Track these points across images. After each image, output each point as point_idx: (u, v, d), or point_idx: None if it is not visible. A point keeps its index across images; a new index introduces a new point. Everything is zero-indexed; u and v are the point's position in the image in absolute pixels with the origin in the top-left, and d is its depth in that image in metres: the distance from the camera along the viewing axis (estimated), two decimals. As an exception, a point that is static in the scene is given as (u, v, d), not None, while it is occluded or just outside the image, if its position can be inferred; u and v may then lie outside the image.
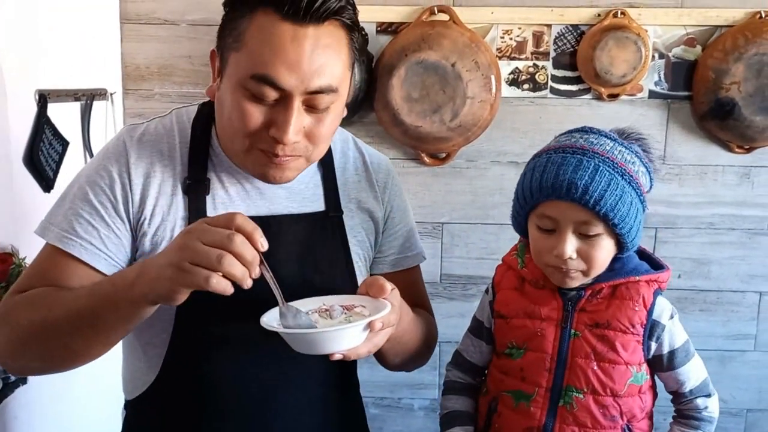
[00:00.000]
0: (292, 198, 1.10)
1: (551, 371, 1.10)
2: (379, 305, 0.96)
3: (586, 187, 1.02)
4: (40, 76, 1.68)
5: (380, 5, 2.10)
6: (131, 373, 1.12)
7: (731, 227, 2.20)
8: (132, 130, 1.08)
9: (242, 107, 0.96)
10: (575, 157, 1.05)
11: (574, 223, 1.05)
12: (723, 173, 2.17)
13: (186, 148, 1.06)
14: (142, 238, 1.03)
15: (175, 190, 1.04)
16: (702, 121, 2.12)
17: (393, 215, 1.20)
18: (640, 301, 1.10)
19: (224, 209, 1.05)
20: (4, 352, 1.00)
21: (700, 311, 2.24)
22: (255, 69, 0.93)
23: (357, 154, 1.19)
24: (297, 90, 0.94)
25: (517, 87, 2.15)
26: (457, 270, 2.23)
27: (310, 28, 0.93)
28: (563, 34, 2.11)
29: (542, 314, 1.12)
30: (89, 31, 1.97)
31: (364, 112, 2.15)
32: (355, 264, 1.13)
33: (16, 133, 1.60)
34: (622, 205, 1.04)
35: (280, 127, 0.95)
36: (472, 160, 2.19)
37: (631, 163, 1.07)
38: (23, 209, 1.61)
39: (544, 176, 1.06)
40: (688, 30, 2.09)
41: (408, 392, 2.33)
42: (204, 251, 0.80)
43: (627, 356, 1.09)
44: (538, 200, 1.08)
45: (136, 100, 2.17)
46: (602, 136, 1.09)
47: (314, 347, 0.91)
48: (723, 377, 2.26)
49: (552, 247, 1.07)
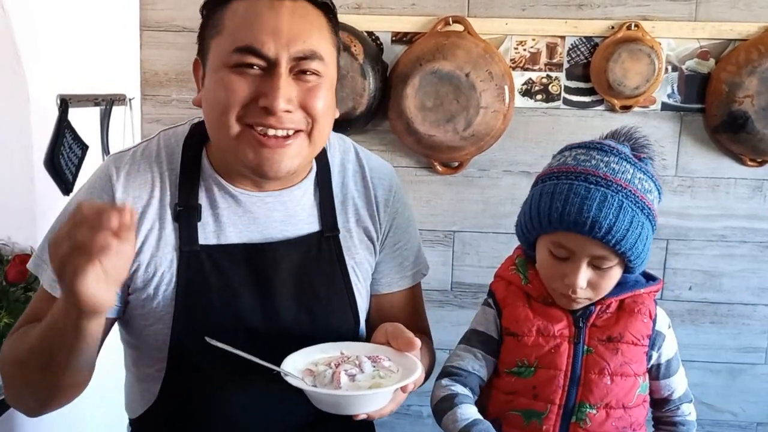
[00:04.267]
0: (287, 221, 1.06)
1: (564, 388, 1.09)
2: (405, 362, 0.92)
3: (610, 227, 1.01)
4: (61, 81, 1.71)
5: (396, 15, 2.13)
6: (132, 394, 1.11)
7: (743, 240, 2.20)
8: (117, 160, 1.04)
9: (227, 81, 0.93)
10: (599, 190, 1.02)
11: (590, 256, 1.04)
12: (735, 186, 2.18)
13: (175, 174, 1.03)
14: (134, 274, 1.00)
15: (163, 221, 1.01)
16: (714, 134, 2.12)
17: (391, 234, 1.15)
18: (647, 313, 1.11)
19: (215, 237, 1.02)
20: (8, 395, 1.00)
21: (711, 323, 2.24)
22: (237, 42, 0.93)
23: (357, 167, 1.14)
24: (281, 56, 0.92)
25: (530, 97, 2.17)
26: (468, 278, 2.25)
27: (286, 1, 0.94)
28: (577, 45, 2.13)
29: (555, 331, 1.10)
30: (109, 38, 2.00)
31: (377, 121, 2.17)
32: (354, 286, 1.10)
33: (38, 136, 1.63)
34: (640, 243, 1.03)
35: (268, 94, 0.92)
36: (484, 169, 2.21)
37: (649, 191, 1.06)
38: (43, 211, 1.64)
39: (567, 208, 1.02)
40: (701, 43, 2.10)
41: (417, 399, 2.31)
42: (68, 235, 0.75)
43: (636, 368, 1.10)
44: (556, 229, 1.05)
45: (154, 105, 2.20)
46: (623, 159, 1.06)
47: (341, 408, 0.87)
48: (733, 390, 2.26)
49: (563, 275, 1.06)
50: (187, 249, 1.00)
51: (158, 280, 1.00)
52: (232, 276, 1.01)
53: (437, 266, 2.24)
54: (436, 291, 2.25)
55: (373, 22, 2.12)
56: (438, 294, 2.26)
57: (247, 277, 1.02)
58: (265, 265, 1.01)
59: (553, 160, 1.13)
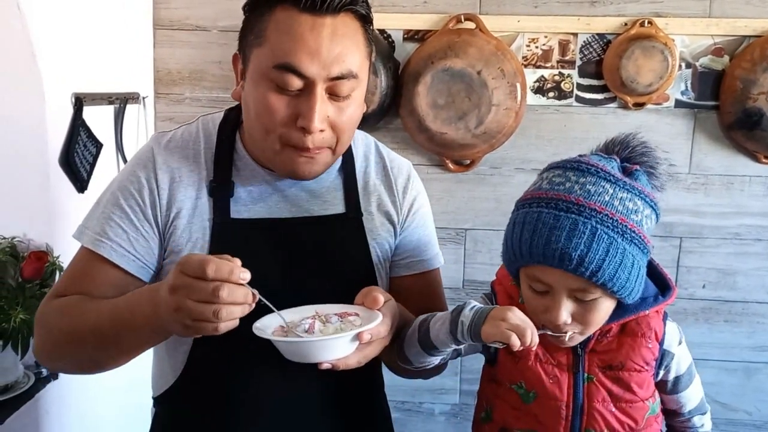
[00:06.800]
0: (312, 201, 1.12)
1: (567, 419, 1.04)
2: (372, 316, 0.96)
3: (582, 258, 0.91)
4: (76, 80, 1.73)
5: (407, 13, 2.13)
6: (159, 370, 1.16)
7: (758, 238, 2.18)
8: (160, 137, 1.12)
9: (267, 100, 0.99)
10: (569, 217, 0.93)
11: (569, 289, 0.96)
12: (750, 184, 2.16)
13: (211, 153, 1.10)
14: (170, 238, 1.07)
15: (200, 193, 1.08)
16: (729, 131, 2.11)
17: (410, 219, 1.21)
18: (652, 336, 1.03)
19: (246, 211, 1.09)
20: (41, 353, 1.06)
21: (725, 322, 2.22)
22: (277, 59, 0.97)
23: (378, 158, 1.21)
24: (319, 77, 0.97)
25: (542, 95, 2.16)
26: (479, 276, 2.25)
27: (327, 18, 0.97)
28: (589, 42, 2.12)
29: (553, 359, 1.04)
30: (123, 36, 2.02)
31: (389, 119, 2.18)
32: (375, 267, 1.15)
33: (53, 134, 1.65)
34: (622, 272, 0.93)
35: (305, 115, 0.98)
36: (496, 167, 2.21)
37: (633, 212, 0.95)
38: (58, 209, 1.66)
39: (535, 239, 0.94)
40: (715, 40, 2.09)
41: (429, 397, 2.34)
42: (199, 311, 0.83)
43: (643, 393, 1.05)
44: (528, 263, 0.98)
45: (167, 104, 2.22)
46: (601, 179, 0.95)
47: (303, 356, 0.93)
48: (747, 389, 2.24)
49: (545, 309, 0.98)
50: (219, 221, 1.07)
51: (191, 247, 1.06)
52: (260, 247, 1.07)
53: (449, 264, 2.22)
54: (447, 288, 2.20)
55: (384, 20, 2.12)
56: (450, 291, 2.22)
57: (274, 249, 1.08)
58: (292, 237, 1.07)
59: (534, 181, 1.06)
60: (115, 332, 0.96)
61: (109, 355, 1.01)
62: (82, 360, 1.04)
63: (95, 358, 1.03)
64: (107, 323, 0.96)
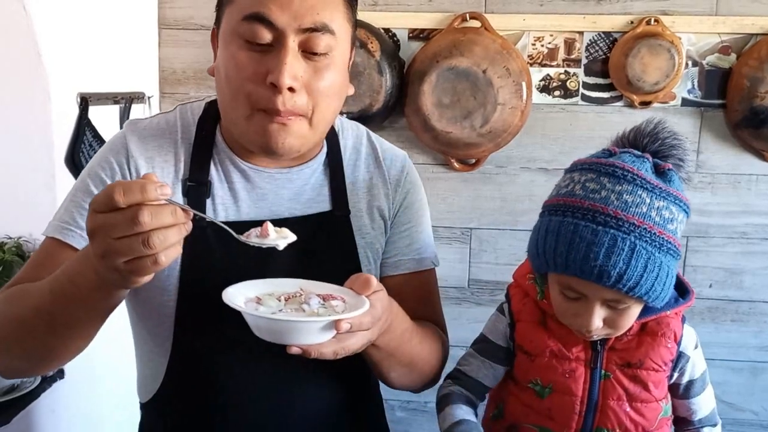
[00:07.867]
0: (294, 199, 1.06)
1: (581, 414, 1.04)
2: (358, 303, 0.86)
3: (620, 275, 0.91)
4: (81, 80, 1.73)
5: (412, 12, 2.13)
6: (141, 378, 1.11)
7: (765, 237, 2.17)
8: (133, 123, 1.06)
9: (236, 57, 0.93)
10: (608, 233, 0.91)
11: (602, 299, 0.96)
12: (757, 182, 2.15)
13: (188, 146, 1.04)
14: None
15: (174, 188, 1.01)
16: (736, 130, 2.10)
17: (402, 213, 1.14)
18: (671, 336, 1.04)
19: (224, 212, 1.02)
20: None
21: (732, 321, 2.21)
22: (246, 10, 0.91)
23: (370, 149, 1.14)
24: (290, 27, 0.91)
25: (548, 94, 2.15)
26: (485, 275, 2.24)
27: None
28: (595, 41, 2.11)
29: (571, 354, 1.04)
30: (128, 36, 2.02)
31: (394, 118, 2.17)
32: (364, 267, 1.09)
33: (59, 134, 1.65)
34: (658, 284, 0.94)
35: (275, 68, 0.90)
36: (501, 166, 2.20)
37: (669, 221, 0.95)
38: (64, 208, 1.66)
39: (572, 254, 0.93)
40: (722, 38, 2.07)
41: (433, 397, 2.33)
42: (127, 247, 0.72)
43: (658, 393, 1.05)
44: (563, 272, 0.97)
45: (172, 103, 2.21)
46: (638, 186, 0.93)
47: (270, 334, 0.83)
48: (754, 389, 2.23)
49: (576, 314, 0.99)
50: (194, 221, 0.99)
51: None
52: (238, 252, 0.96)
53: (454, 263, 2.24)
54: (453, 288, 2.25)
55: (389, 19, 2.12)
56: (455, 291, 2.25)
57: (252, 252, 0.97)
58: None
59: (562, 181, 1.03)
60: (61, 308, 0.85)
61: (60, 339, 0.90)
62: (30, 351, 0.92)
63: (47, 344, 0.91)
64: (51, 300, 0.86)
